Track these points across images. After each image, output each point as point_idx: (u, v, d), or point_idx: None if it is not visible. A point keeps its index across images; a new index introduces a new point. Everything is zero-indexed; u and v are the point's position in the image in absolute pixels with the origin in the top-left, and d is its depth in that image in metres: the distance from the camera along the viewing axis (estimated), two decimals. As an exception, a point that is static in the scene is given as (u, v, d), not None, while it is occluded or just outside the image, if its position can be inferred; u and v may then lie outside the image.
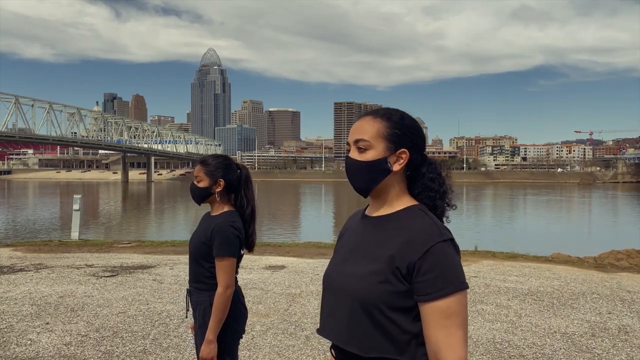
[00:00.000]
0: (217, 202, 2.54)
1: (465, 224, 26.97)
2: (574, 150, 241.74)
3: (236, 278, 2.50)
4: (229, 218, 2.46)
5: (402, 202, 1.42)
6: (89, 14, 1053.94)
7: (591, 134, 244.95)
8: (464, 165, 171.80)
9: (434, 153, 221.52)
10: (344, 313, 1.37)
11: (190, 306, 2.56)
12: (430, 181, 1.44)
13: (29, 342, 4.76)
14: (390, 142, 1.38)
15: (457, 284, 1.28)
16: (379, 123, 1.39)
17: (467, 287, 1.31)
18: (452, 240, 1.33)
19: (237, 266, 2.49)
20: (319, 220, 33.77)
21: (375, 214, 1.44)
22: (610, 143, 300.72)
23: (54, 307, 5.96)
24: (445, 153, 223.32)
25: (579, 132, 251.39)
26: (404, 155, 1.40)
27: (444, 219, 1.45)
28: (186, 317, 2.77)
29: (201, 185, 2.53)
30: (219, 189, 2.52)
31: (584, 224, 32.67)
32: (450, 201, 1.47)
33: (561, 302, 6.30)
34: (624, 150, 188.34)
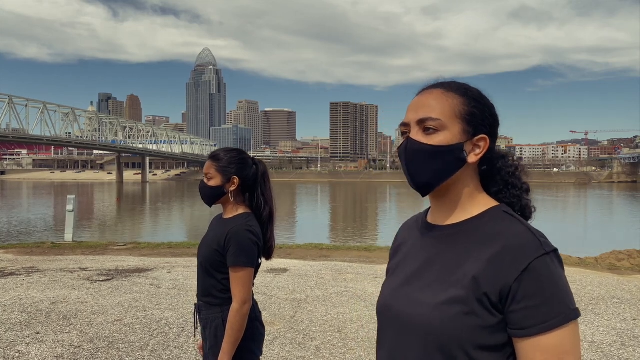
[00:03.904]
0: (230, 203, 2.19)
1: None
2: (569, 150, 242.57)
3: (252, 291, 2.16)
4: (244, 221, 2.11)
5: (478, 203, 1.08)
6: (87, 14, 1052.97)
7: (587, 134, 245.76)
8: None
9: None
10: (414, 355, 1.02)
11: (199, 323, 2.21)
12: (510, 176, 1.12)
13: (17, 354, 4.40)
14: (468, 124, 1.05)
15: (568, 312, 0.94)
16: (454, 98, 1.06)
17: (579, 315, 0.97)
18: (556, 251, 0.99)
19: (254, 277, 2.15)
20: (317, 221, 33.42)
21: (444, 222, 1.10)
22: (606, 143, 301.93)
23: (46, 314, 5.59)
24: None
25: (575, 132, 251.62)
26: (482, 143, 1.06)
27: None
28: (194, 337, 2.43)
29: (212, 183, 2.17)
30: (233, 188, 2.16)
31: (580, 223, 32.44)
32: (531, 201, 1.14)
33: (581, 308, 5.98)
34: (619, 150, 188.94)
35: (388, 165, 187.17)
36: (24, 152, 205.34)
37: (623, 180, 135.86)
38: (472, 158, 1.06)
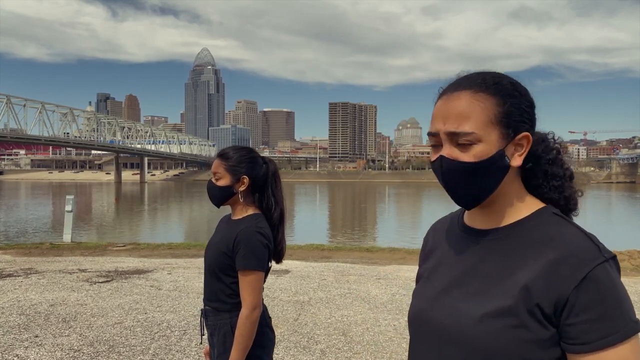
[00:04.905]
0: (240, 204, 2.09)
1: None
2: (568, 151, 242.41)
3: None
4: (254, 223, 2.02)
5: (523, 205, 0.98)
6: (87, 14, 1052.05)
7: (585, 134, 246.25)
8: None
9: (429, 154, 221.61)
10: None
11: (205, 330, 2.12)
12: (551, 165, 1.00)
13: (15, 358, 4.29)
14: (506, 126, 0.93)
15: (631, 325, 0.85)
16: (486, 101, 0.92)
17: None
18: (615, 258, 0.90)
19: (264, 281, 2.05)
20: (317, 221, 33.32)
21: (487, 226, 0.99)
22: (604, 143, 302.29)
23: (44, 317, 5.49)
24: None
25: (573, 132, 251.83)
26: (524, 142, 0.95)
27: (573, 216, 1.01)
28: (200, 343, 2.33)
29: (221, 183, 2.07)
30: (242, 188, 2.07)
31: (579, 224, 32.37)
32: (576, 187, 1.03)
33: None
34: (618, 151, 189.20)
35: (387, 166, 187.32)
36: (22, 152, 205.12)
37: (621, 180, 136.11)
38: (517, 161, 0.95)
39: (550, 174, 1.00)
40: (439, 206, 47.56)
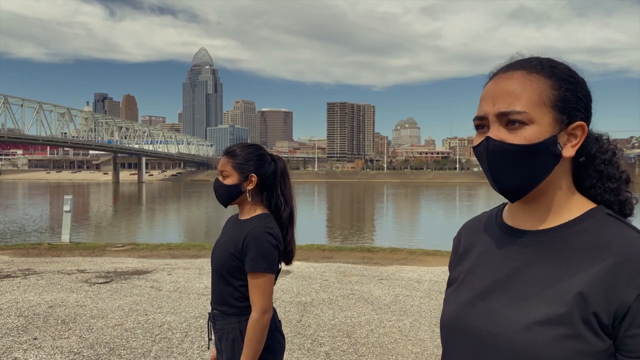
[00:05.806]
0: (248, 203, 2.01)
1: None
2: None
3: None
4: (263, 223, 1.94)
5: (574, 204, 0.90)
6: (84, 13, 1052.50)
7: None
8: (457, 166, 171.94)
9: (427, 154, 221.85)
10: None
11: (213, 334, 2.04)
12: (606, 165, 0.93)
13: (14, 361, 4.21)
14: (560, 111, 0.86)
15: None
16: (540, 82, 0.86)
17: None
18: None
19: (274, 283, 1.97)
20: (317, 221, 33.22)
21: (533, 227, 0.91)
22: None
23: (43, 318, 5.40)
24: (438, 153, 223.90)
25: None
26: (579, 132, 0.88)
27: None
28: (208, 348, 2.25)
29: (228, 182, 1.99)
30: (251, 187, 1.99)
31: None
32: (632, 193, 0.95)
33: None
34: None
35: (385, 166, 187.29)
36: (20, 152, 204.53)
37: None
38: (569, 151, 0.87)
39: (605, 175, 0.93)
40: (438, 205, 47.55)
